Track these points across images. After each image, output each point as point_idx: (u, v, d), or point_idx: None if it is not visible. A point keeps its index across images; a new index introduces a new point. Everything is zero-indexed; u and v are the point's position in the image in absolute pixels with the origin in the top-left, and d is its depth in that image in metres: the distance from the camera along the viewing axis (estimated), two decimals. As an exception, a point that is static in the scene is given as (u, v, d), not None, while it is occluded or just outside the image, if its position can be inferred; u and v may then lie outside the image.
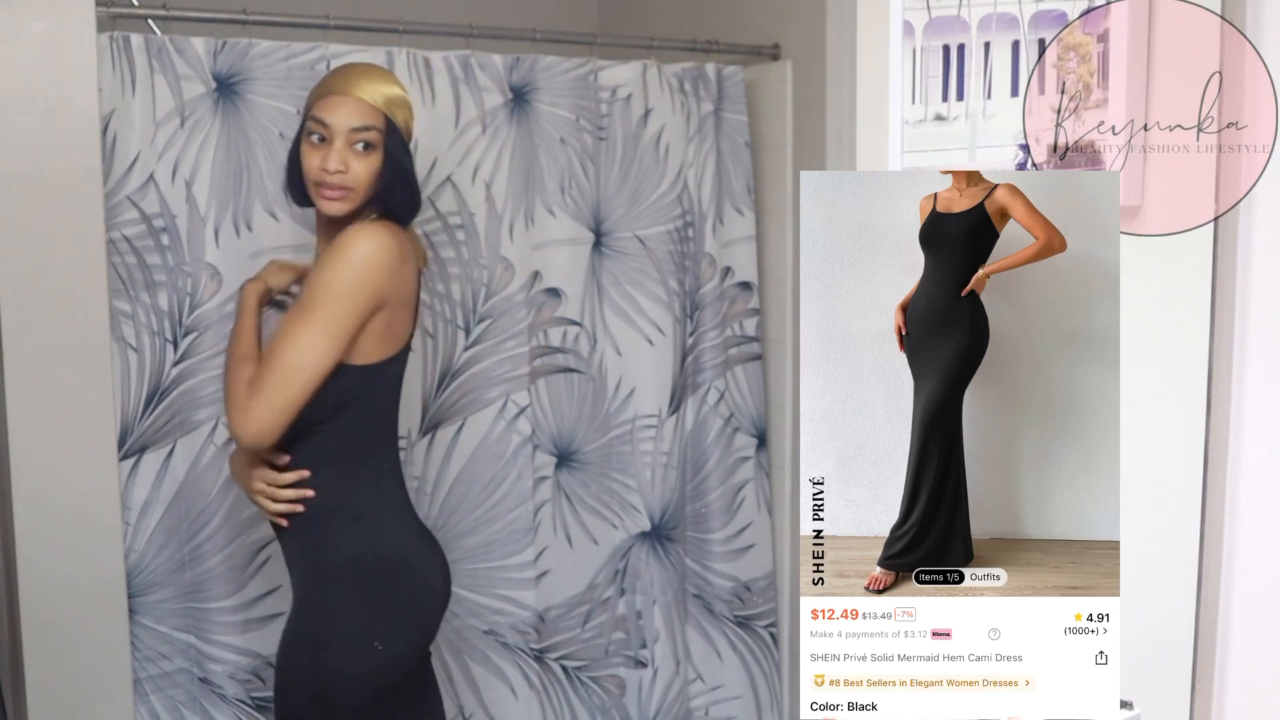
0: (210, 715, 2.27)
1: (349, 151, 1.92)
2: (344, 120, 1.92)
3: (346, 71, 1.97)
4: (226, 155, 2.22)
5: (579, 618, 2.68)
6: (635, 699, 2.76)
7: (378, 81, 1.96)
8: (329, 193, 1.94)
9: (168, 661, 2.25)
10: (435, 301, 2.44)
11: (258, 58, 2.22)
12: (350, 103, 1.93)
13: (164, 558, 2.23)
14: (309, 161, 1.93)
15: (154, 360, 2.20)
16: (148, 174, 2.17)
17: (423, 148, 2.38)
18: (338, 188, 1.93)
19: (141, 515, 2.21)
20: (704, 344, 2.74)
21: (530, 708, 2.64)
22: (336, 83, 1.95)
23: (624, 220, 2.63)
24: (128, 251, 2.17)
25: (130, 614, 2.19)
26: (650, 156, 2.63)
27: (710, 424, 2.76)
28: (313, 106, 1.94)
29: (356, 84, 1.95)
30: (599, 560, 2.69)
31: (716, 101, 2.69)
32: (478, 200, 2.44)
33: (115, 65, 2.12)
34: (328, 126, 1.91)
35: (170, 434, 2.22)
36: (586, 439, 2.66)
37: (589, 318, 2.62)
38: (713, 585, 2.80)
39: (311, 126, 1.92)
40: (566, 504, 2.65)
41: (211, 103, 2.20)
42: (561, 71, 2.51)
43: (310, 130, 1.93)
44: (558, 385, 2.61)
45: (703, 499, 2.78)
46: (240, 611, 2.28)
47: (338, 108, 1.93)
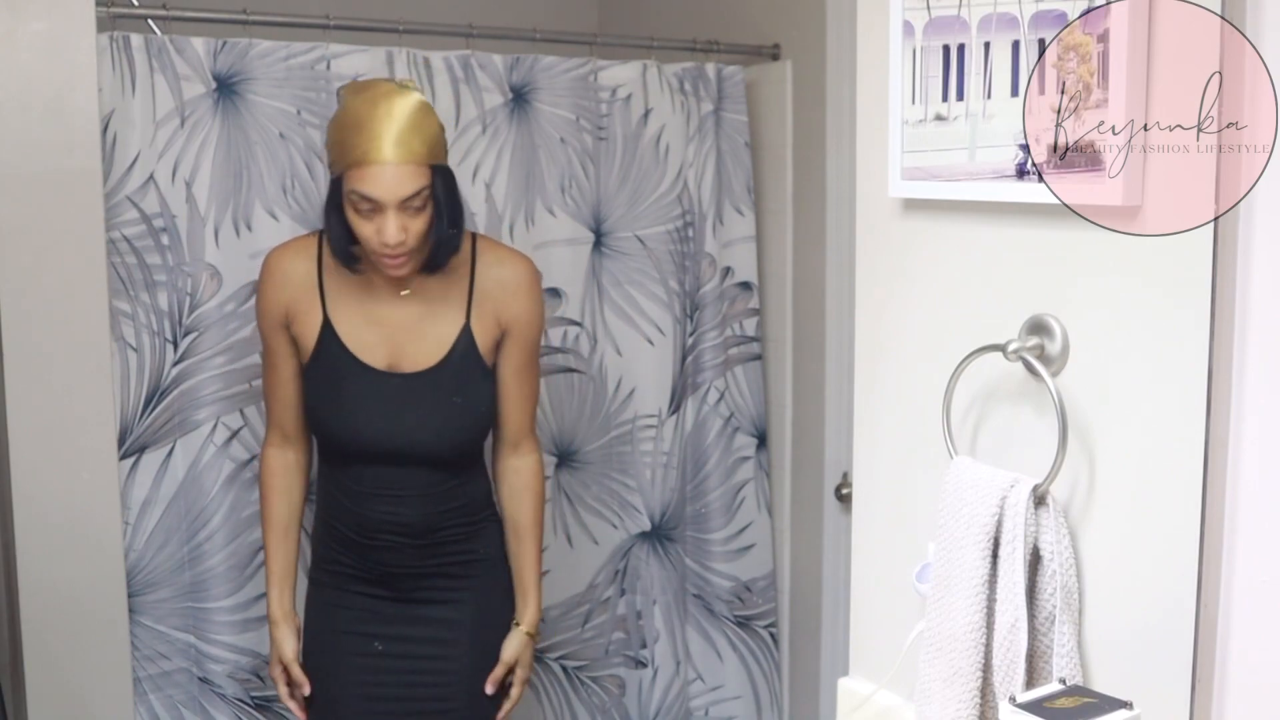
0: (210, 715, 2.27)
1: (403, 216, 1.87)
2: (392, 193, 1.85)
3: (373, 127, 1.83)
4: (226, 155, 2.22)
5: (579, 618, 2.68)
6: (635, 699, 2.76)
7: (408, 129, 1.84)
8: (393, 262, 1.91)
9: (167, 661, 2.25)
10: (435, 301, 2.44)
11: (258, 58, 2.22)
12: (392, 171, 1.84)
13: (164, 557, 2.23)
14: (363, 231, 1.89)
15: (154, 360, 2.20)
16: (148, 174, 2.17)
17: (423, 148, 2.38)
18: (401, 255, 1.91)
19: (141, 515, 2.21)
20: (704, 344, 2.74)
21: (530, 708, 2.64)
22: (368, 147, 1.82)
23: (624, 220, 2.63)
24: (128, 251, 2.17)
25: (130, 614, 2.19)
26: (650, 156, 2.63)
27: (710, 424, 2.76)
28: (349, 177, 1.85)
29: (390, 145, 1.83)
30: (599, 560, 2.69)
31: (716, 101, 2.69)
32: (478, 200, 2.44)
33: (115, 65, 2.12)
34: (375, 201, 1.85)
35: (170, 434, 2.22)
36: (587, 439, 2.66)
37: (589, 318, 2.62)
38: (713, 585, 2.80)
39: (356, 203, 1.86)
40: (567, 504, 2.65)
41: (211, 103, 2.20)
42: (561, 71, 2.51)
43: (355, 206, 1.87)
44: (558, 385, 2.61)
45: (703, 499, 2.78)
46: (240, 611, 2.28)
47: (380, 179, 1.83)
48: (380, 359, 2.02)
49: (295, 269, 2.02)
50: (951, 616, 1.12)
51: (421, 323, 2.04)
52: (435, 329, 2.04)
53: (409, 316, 2.03)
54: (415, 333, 2.03)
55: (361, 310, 2.02)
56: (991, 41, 1.09)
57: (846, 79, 2.47)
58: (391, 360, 2.03)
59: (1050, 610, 1.08)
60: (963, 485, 1.13)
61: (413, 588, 2.07)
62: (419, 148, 1.86)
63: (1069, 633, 1.06)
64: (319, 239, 2.04)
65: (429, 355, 2.03)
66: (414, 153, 1.86)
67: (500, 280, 2.07)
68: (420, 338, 2.03)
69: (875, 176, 1.26)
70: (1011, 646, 1.07)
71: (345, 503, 2.05)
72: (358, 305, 2.02)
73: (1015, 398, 1.14)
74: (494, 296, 2.06)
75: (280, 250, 2.06)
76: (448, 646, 2.08)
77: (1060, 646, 1.06)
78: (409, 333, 2.03)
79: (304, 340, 2.03)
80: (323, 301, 2.01)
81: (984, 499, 1.10)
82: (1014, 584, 1.07)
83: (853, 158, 1.35)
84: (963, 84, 1.12)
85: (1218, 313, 0.96)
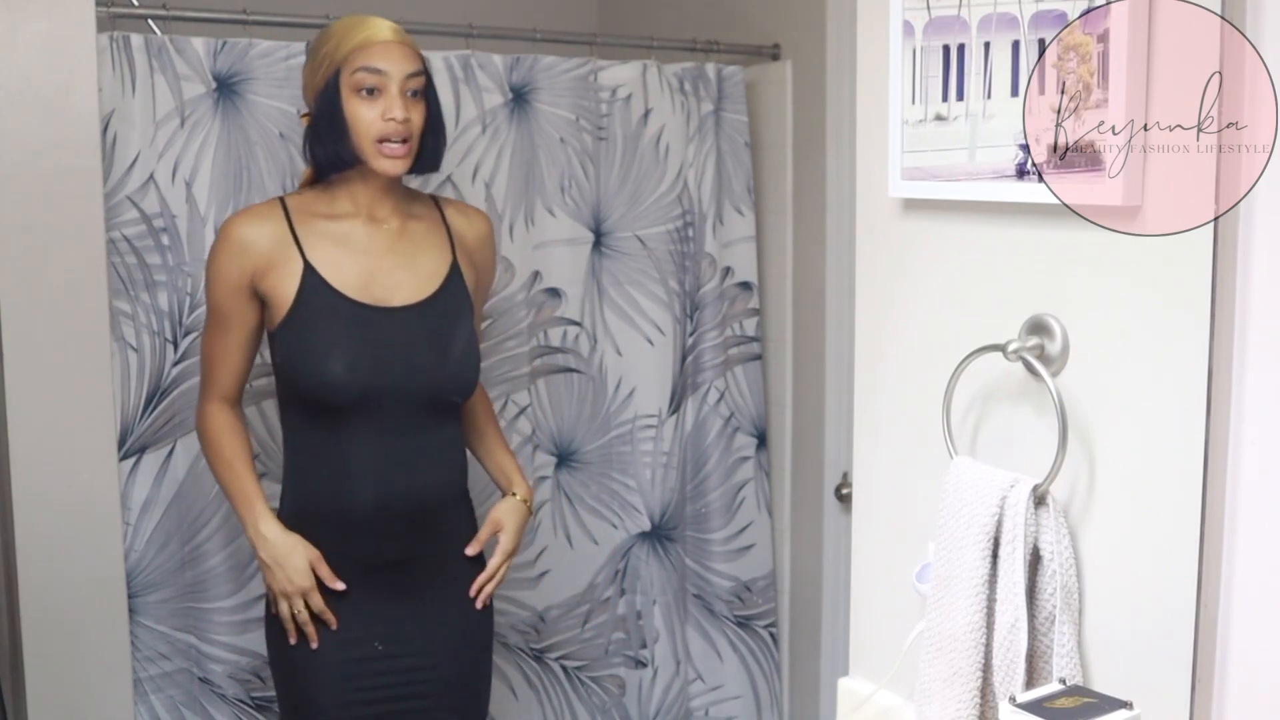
0: (210, 715, 2.27)
1: (406, 99, 1.88)
2: (399, 67, 1.86)
3: (359, 21, 1.91)
4: (226, 155, 2.22)
5: (579, 618, 2.68)
6: (635, 699, 2.76)
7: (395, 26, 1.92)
8: (394, 148, 1.88)
9: (167, 661, 2.25)
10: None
11: (258, 58, 2.22)
12: (397, 48, 1.88)
13: (164, 558, 2.23)
14: (364, 116, 1.86)
15: (154, 360, 2.20)
16: (148, 174, 2.17)
17: (423, 148, 2.38)
18: (403, 140, 1.89)
19: (141, 515, 2.20)
20: (704, 344, 2.74)
21: (530, 707, 2.64)
22: (364, 30, 1.89)
23: (624, 220, 2.63)
24: (128, 251, 2.17)
25: (130, 614, 2.19)
26: (650, 156, 2.63)
27: (710, 424, 2.76)
28: (354, 57, 1.87)
29: (391, 30, 1.90)
30: (599, 560, 2.69)
31: (716, 101, 2.69)
32: (478, 200, 2.44)
33: (115, 65, 2.12)
34: (383, 74, 1.85)
35: (170, 434, 2.22)
36: (586, 439, 2.66)
37: (589, 318, 2.62)
38: (713, 585, 2.80)
39: (361, 79, 1.85)
40: (566, 504, 2.65)
41: (211, 103, 2.20)
42: (561, 71, 2.51)
43: (359, 84, 1.86)
44: (558, 385, 2.61)
45: (703, 499, 2.78)
46: (240, 611, 2.28)
47: (387, 54, 1.86)
48: (372, 296, 1.95)
49: (260, 233, 1.95)
50: (951, 616, 1.12)
51: (411, 259, 2.00)
52: (425, 264, 2.00)
53: (395, 255, 1.99)
54: (405, 269, 1.99)
55: (344, 253, 1.96)
56: (991, 41, 1.09)
57: (846, 79, 2.48)
58: (385, 296, 1.96)
59: (1050, 610, 1.08)
60: (963, 485, 1.13)
61: (393, 577, 1.97)
62: (412, 43, 1.95)
63: (1069, 633, 1.06)
64: (281, 202, 2.00)
65: (421, 289, 1.99)
66: (410, 42, 1.94)
67: (472, 228, 2.11)
68: (411, 274, 1.99)
69: (875, 176, 1.26)
70: (1011, 646, 1.07)
71: (327, 484, 1.94)
72: (338, 250, 1.96)
73: (1015, 398, 1.14)
74: (467, 243, 2.08)
75: (238, 217, 1.99)
76: (436, 645, 2.01)
77: (1060, 646, 1.06)
78: (398, 270, 1.98)
79: (280, 293, 1.93)
80: (300, 251, 1.95)
81: (984, 499, 1.10)
82: (1014, 584, 1.07)
83: (853, 158, 1.35)
84: (963, 84, 1.12)
85: (1218, 313, 0.96)
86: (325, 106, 1.91)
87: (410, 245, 2.02)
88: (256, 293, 1.96)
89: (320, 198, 2.01)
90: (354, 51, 1.88)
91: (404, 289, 1.98)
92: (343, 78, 1.89)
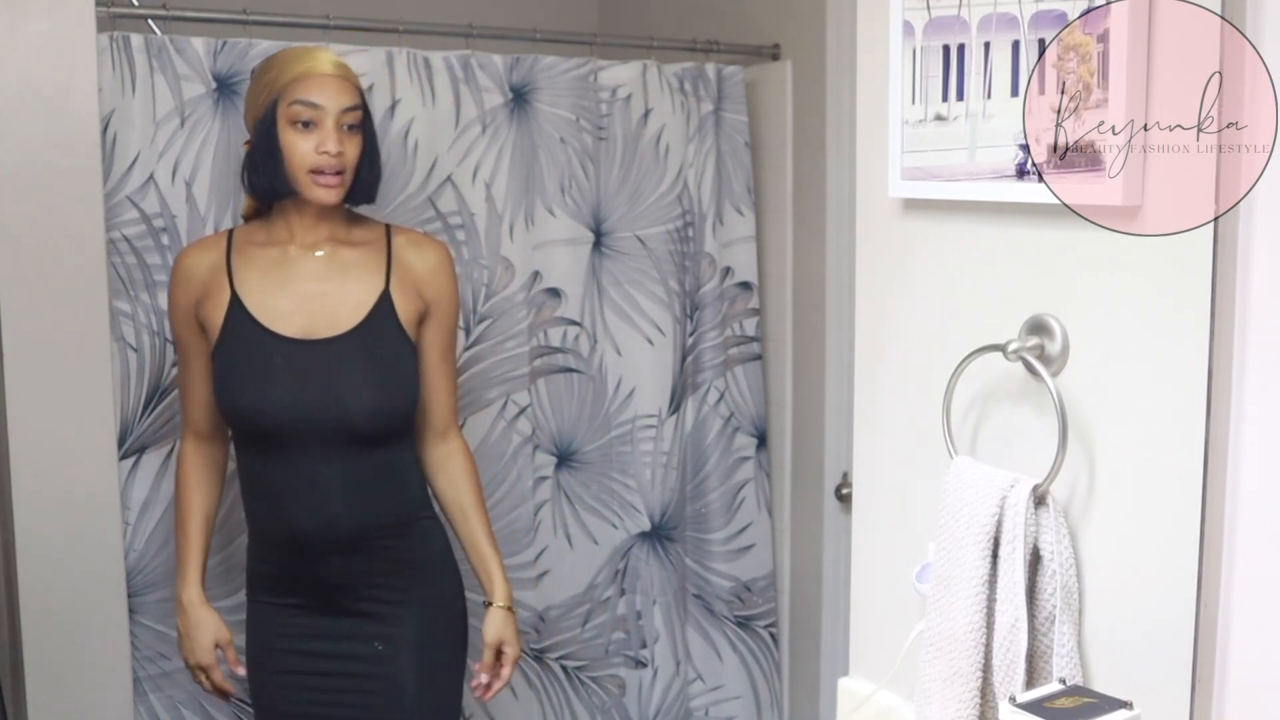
0: (210, 715, 2.27)
1: (341, 133, 1.91)
2: (335, 101, 1.89)
3: (301, 53, 1.95)
4: (226, 155, 2.22)
5: (579, 618, 2.68)
6: (635, 699, 2.76)
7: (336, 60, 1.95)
8: (327, 180, 1.91)
9: (167, 661, 2.25)
10: (435, 301, 2.44)
11: (258, 58, 2.22)
12: (335, 82, 1.91)
13: (164, 557, 2.23)
14: (299, 148, 1.89)
15: (154, 360, 2.20)
16: (148, 174, 2.17)
17: (423, 148, 2.38)
18: (336, 173, 1.92)
19: (141, 515, 2.21)
20: (704, 344, 2.74)
21: (530, 707, 2.64)
22: (304, 63, 1.92)
23: (624, 220, 2.63)
24: (128, 251, 2.17)
25: (130, 613, 2.19)
26: (650, 156, 2.63)
27: (710, 424, 2.76)
28: (292, 89, 1.89)
29: (330, 63, 1.93)
30: (599, 560, 2.69)
31: (716, 101, 2.69)
32: (478, 200, 2.44)
33: (115, 65, 2.12)
34: (319, 108, 1.89)
35: (170, 434, 2.22)
36: (586, 439, 2.66)
37: (589, 318, 2.62)
38: (713, 585, 2.80)
39: (297, 112, 1.89)
40: (566, 504, 2.65)
41: (211, 103, 2.20)
42: (561, 71, 2.51)
43: (295, 116, 1.89)
44: (558, 385, 2.61)
45: (703, 499, 2.78)
46: (238, 611, 2.27)
47: (324, 88, 1.90)
48: (294, 328, 1.96)
49: (202, 261, 2.00)
50: (951, 616, 1.12)
51: (339, 289, 1.99)
52: (353, 294, 1.99)
53: (324, 285, 1.99)
54: (331, 299, 1.98)
55: (273, 283, 1.98)
56: (991, 41, 1.09)
57: (846, 79, 2.48)
58: (307, 327, 1.97)
59: (1050, 610, 1.08)
60: (963, 485, 1.12)
61: (348, 600, 2.00)
62: (352, 77, 1.97)
63: (1069, 633, 1.06)
64: (228, 234, 2.04)
65: (346, 320, 1.98)
66: (350, 75, 1.97)
67: (421, 258, 2.06)
68: (337, 303, 1.98)
69: (875, 176, 1.26)
70: (1011, 646, 1.07)
71: (269, 510, 1.99)
72: (267, 279, 1.98)
73: (1015, 398, 1.14)
74: (415, 272, 2.04)
75: (187, 248, 2.06)
76: (388, 664, 2.01)
77: (1060, 646, 1.06)
78: (325, 299, 1.98)
79: (212, 323, 1.97)
80: (230, 280, 1.97)
81: (984, 499, 1.10)
82: (1014, 584, 1.07)
83: (853, 158, 1.35)
84: (963, 84, 1.12)
85: (1218, 313, 0.96)
86: (263, 135, 1.94)
87: (339, 273, 2.00)
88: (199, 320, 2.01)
89: (262, 227, 2.04)
90: (292, 84, 1.90)
91: (328, 319, 1.98)
92: (280, 109, 1.91)
